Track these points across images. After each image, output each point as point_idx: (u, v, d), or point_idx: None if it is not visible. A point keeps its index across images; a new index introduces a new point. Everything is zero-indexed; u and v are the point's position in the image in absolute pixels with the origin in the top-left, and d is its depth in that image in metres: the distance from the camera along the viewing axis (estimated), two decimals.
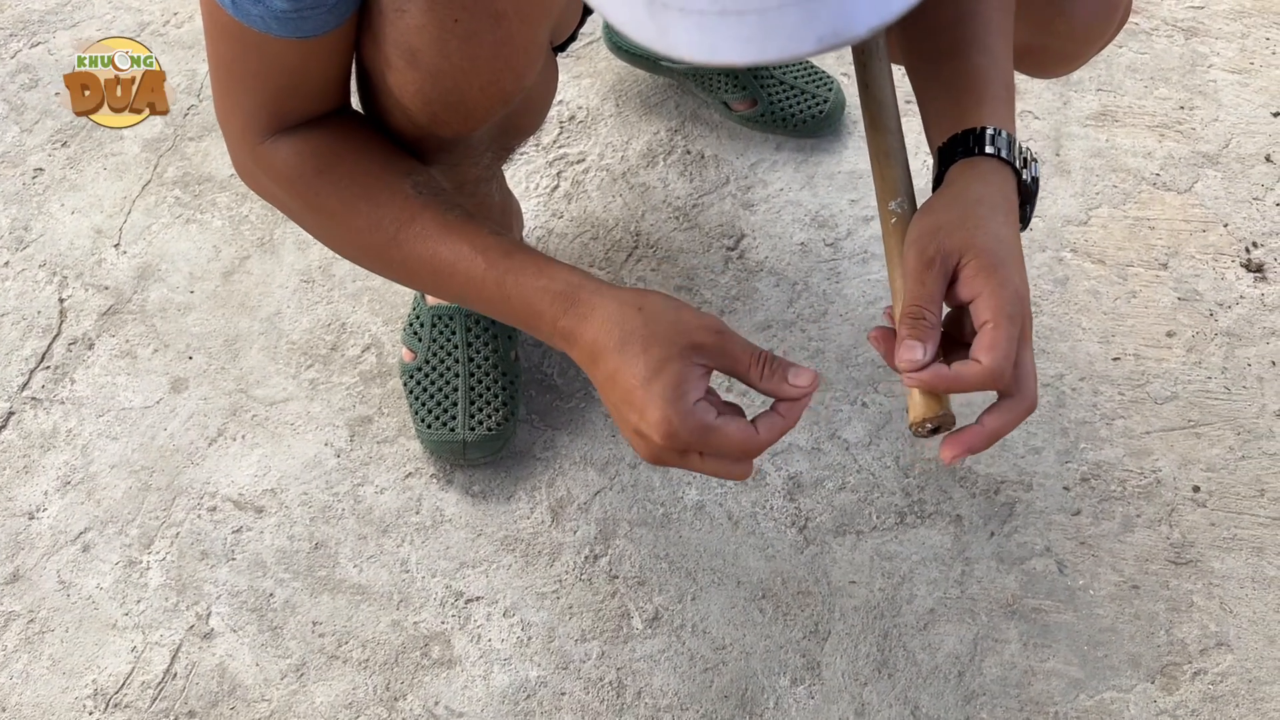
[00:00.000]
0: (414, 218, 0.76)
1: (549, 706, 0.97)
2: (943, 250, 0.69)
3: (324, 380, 1.15)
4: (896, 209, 0.75)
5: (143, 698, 0.97)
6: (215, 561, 1.04)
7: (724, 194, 1.29)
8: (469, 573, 1.04)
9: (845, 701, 0.97)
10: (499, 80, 0.76)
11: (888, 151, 0.77)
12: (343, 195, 0.77)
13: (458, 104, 0.76)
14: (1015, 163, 0.74)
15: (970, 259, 0.68)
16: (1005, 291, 0.68)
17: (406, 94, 0.75)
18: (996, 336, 0.67)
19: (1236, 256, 1.23)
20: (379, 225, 0.77)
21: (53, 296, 1.21)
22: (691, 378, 0.67)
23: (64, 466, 1.10)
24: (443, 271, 0.76)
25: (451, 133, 0.79)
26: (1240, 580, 1.03)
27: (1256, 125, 1.34)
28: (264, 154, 0.78)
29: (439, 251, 0.75)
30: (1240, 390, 1.14)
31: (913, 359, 0.67)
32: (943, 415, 0.69)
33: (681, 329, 0.68)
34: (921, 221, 0.72)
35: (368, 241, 0.78)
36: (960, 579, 1.03)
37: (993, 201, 0.72)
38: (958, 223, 0.70)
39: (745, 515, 1.07)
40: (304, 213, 0.81)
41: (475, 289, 0.75)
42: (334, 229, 0.81)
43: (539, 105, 0.91)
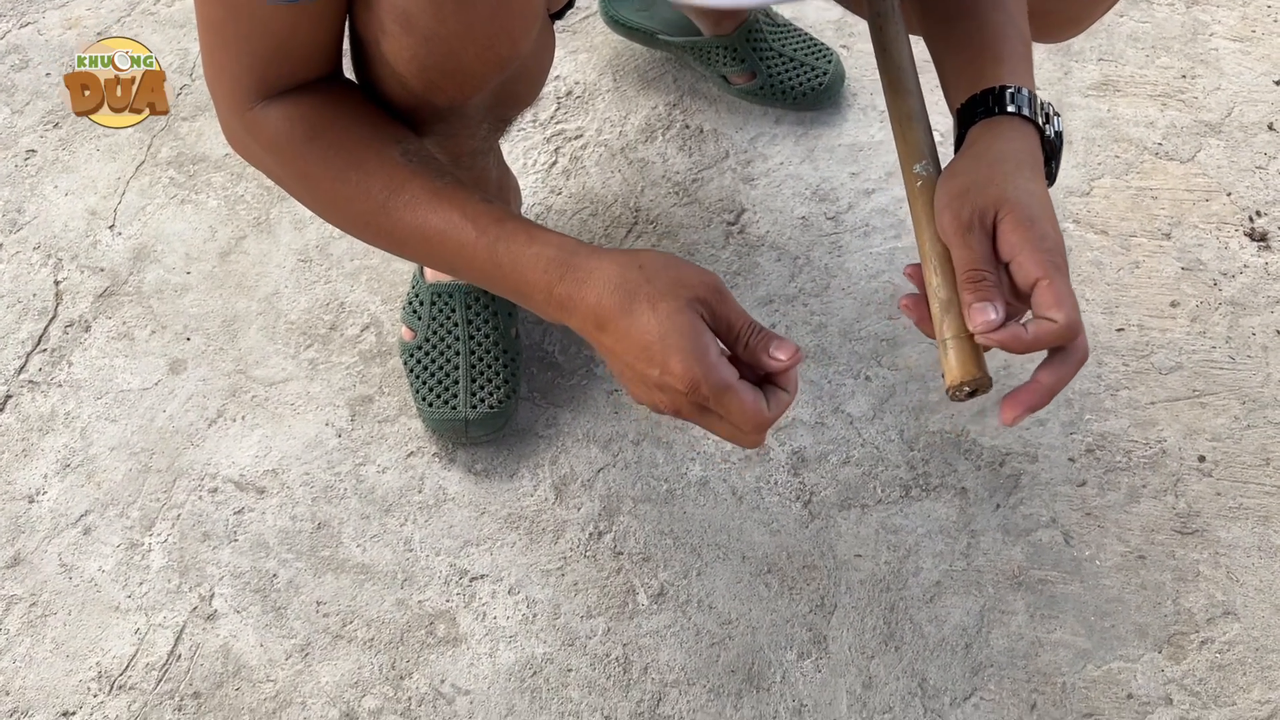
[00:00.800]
0: (403, 185, 0.75)
1: (555, 683, 0.97)
2: (977, 210, 0.68)
3: (324, 360, 1.14)
4: (921, 171, 0.74)
5: (147, 679, 0.97)
6: (217, 543, 1.04)
7: (724, 168, 1.28)
8: (473, 551, 1.03)
9: (852, 674, 0.97)
10: (495, 45, 0.75)
11: (909, 114, 0.76)
12: (331, 162, 0.76)
13: (454, 70, 0.75)
14: (1037, 119, 0.73)
15: (1005, 214, 0.68)
16: (1047, 243, 0.67)
17: (401, 60, 0.74)
18: (1059, 291, 0.66)
19: (1240, 225, 1.23)
20: (367, 193, 0.75)
21: (48, 279, 1.20)
22: (705, 329, 0.68)
23: (63, 449, 1.09)
24: (433, 239, 0.74)
25: (447, 100, 0.78)
26: (1246, 549, 1.02)
27: (1259, 93, 1.34)
28: (253, 120, 0.76)
29: (429, 219, 0.74)
30: (1245, 359, 1.13)
31: (987, 320, 0.66)
32: (980, 378, 0.68)
33: (684, 283, 0.68)
34: (948, 186, 0.71)
35: (357, 210, 0.77)
36: (966, 551, 1.03)
37: (1018, 158, 0.71)
38: (985, 181, 0.69)
39: (749, 490, 1.06)
40: (293, 180, 0.80)
41: (466, 257, 0.74)
42: (323, 197, 0.79)
43: (536, 74, 0.90)
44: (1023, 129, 0.73)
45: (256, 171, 1.27)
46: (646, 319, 0.67)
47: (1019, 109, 0.73)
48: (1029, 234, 0.67)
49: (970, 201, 0.69)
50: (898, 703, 0.96)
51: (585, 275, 0.70)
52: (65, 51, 1.39)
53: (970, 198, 0.69)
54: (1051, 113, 0.75)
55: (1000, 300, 0.67)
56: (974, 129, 0.74)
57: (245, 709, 0.95)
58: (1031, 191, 0.69)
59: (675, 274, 0.69)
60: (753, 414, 0.68)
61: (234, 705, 0.96)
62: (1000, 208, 0.68)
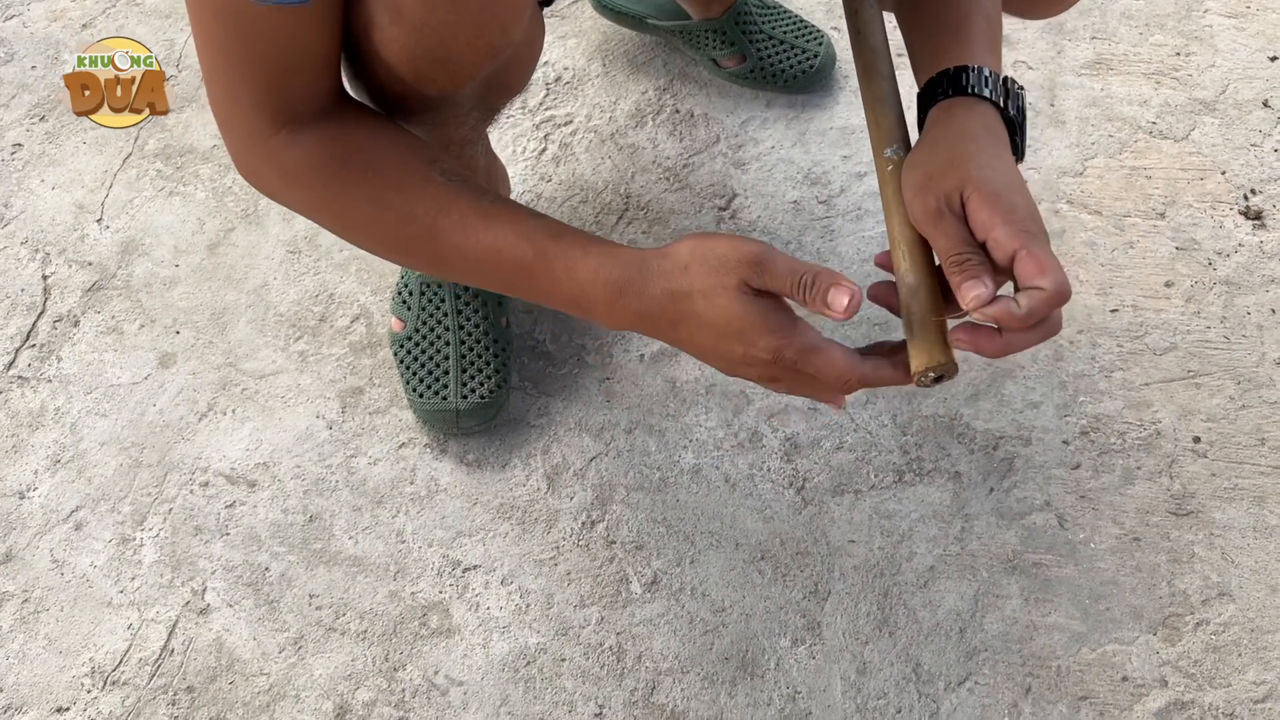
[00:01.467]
0: (449, 207, 0.74)
1: (549, 673, 0.97)
2: (943, 195, 0.68)
3: (313, 352, 1.14)
4: (892, 155, 0.73)
5: (141, 674, 0.97)
6: (209, 537, 1.03)
7: (714, 153, 1.27)
8: (465, 542, 1.03)
9: (847, 660, 0.97)
10: (485, 34, 0.74)
11: (881, 98, 0.75)
12: (370, 189, 0.75)
13: (444, 60, 0.74)
14: (995, 98, 0.72)
15: (970, 194, 0.67)
16: (1017, 214, 0.66)
17: (391, 51, 0.73)
18: (1040, 258, 0.65)
19: (1235, 204, 1.22)
20: (412, 217, 0.74)
21: (36, 274, 1.20)
22: (770, 304, 0.69)
23: (53, 445, 1.08)
24: (485, 259, 0.74)
25: (437, 90, 0.77)
26: (1242, 530, 1.02)
27: (1253, 70, 1.32)
28: (276, 150, 0.74)
29: (481, 239, 0.73)
30: (1240, 339, 1.13)
31: (979, 294, 0.65)
32: (946, 364, 0.68)
33: (722, 268, 0.68)
34: (911, 176, 0.71)
35: (402, 235, 0.76)
36: (960, 535, 1.02)
37: (975, 135, 0.71)
38: (945, 165, 0.69)
39: (742, 477, 1.06)
40: (323, 209, 0.78)
41: (521, 275, 0.74)
42: (361, 224, 0.78)
43: (525, 62, 0.89)
44: (980, 107, 0.72)
45: None
46: (713, 314, 0.69)
47: (974, 89, 0.72)
48: (996, 208, 0.66)
49: (934, 188, 0.68)
50: (892, 688, 0.95)
51: (642, 287, 0.71)
52: (51, 44, 1.38)
53: (934, 185, 0.68)
54: (1014, 88, 0.74)
55: (989, 277, 0.66)
56: (932, 112, 0.73)
57: (239, 702, 0.95)
58: (993, 166, 0.69)
59: (713, 260, 0.69)
60: (841, 368, 0.69)
61: (228, 699, 0.96)
62: (964, 188, 0.68)
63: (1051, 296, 0.65)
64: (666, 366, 1.12)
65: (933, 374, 0.68)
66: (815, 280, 0.68)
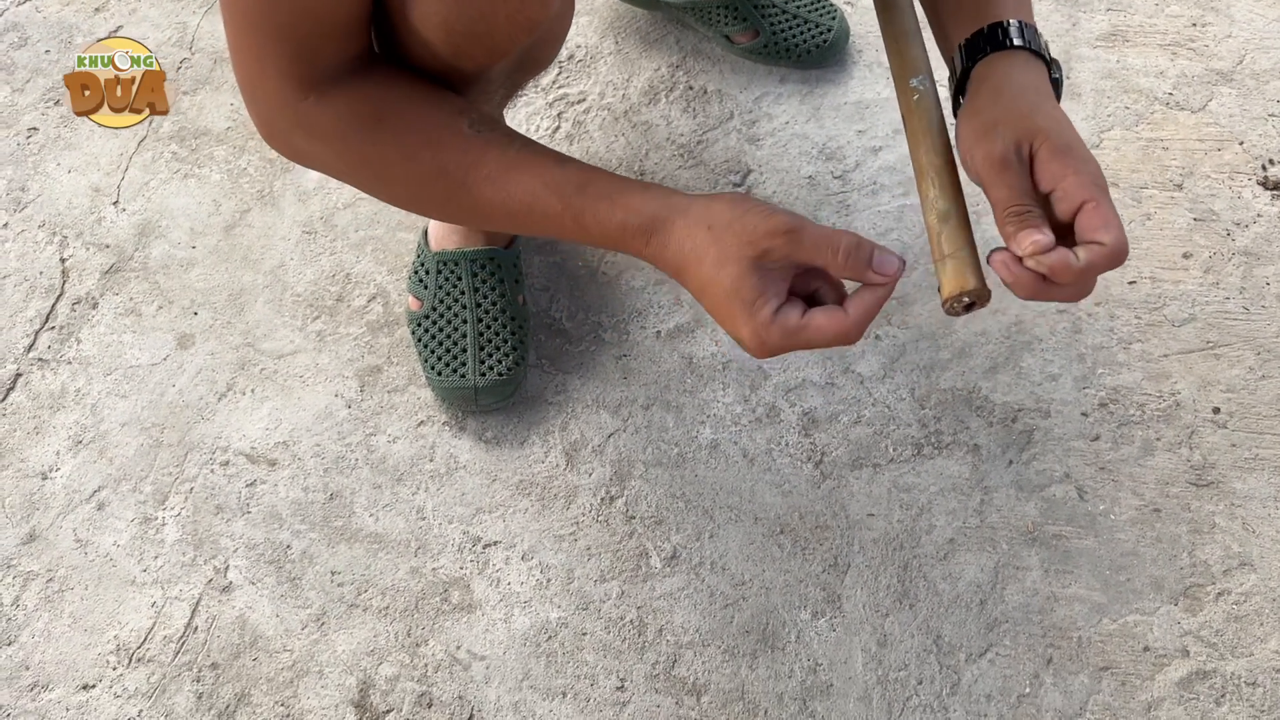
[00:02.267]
0: (479, 160, 0.74)
1: (571, 647, 0.97)
2: (1011, 143, 0.67)
3: (331, 331, 1.14)
4: (919, 86, 0.73)
5: (165, 651, 0.97)
6: (230, 515, 1.04)
7: (728, 129, 1.27)
8: (485, 518, 1.03)
9: (867, 633, 0.97)
10: (526, 7, 0.74)
11: (905, 31, 0.75)
12: (402, 144, 0.75)
13: (484, 34, 0.74)
14: (1045, 55, 0.72)
15: (1041, 144, 0.67)
16: (1090, 167, 0.66)
17: (430, 26, 0.73)
18: (1106, 214, 0.65)
19: (1253, 174, 1.21)
20: (444, 172, 0.75)
21: (54, 257, 1.20)
22: (767, 288, 0.68)
23: (74, 426, 1.09)
24: (518, 213, 0.75)
25: (475, 65, 0.77)
26: (1263, 500, 1.02)
27: (1271, 40, 1.31)
28: (307, 114, 0.74)
29: (512, 192, 0.74)
30: (1259, 310, 1.12)
31: (1039, 240, 0.65)
32: (979, 289, 0.68)
33: (748, 238, 0.68)
34: (972, 123, 0.70)
35: (433, 190, 0.76)
36: (979, 508, 1.02)
37: (1038, 86, 0.70)
38: (1013, 114, 0.68)
39: (760, 452, 1.06)
40: (357, 169, 0.79)
41: (554, 226, 0.74)
42: (395, 180, 0.78)
43: (556, 36, 0.89)
44: (1034, 62, 0.72)
45: (258, 143, 1.27)
46: (714, 283, 0.69)
47: (1027, 43, 0.72)
48: (1069, 160, 0.66)
49: (1001, 136, 0.67)
50: (913, 660, 0.96)
51: (665, 240, 0.71)
52: (64, 28, 1.38)
53: (1001, 132, 0.67)
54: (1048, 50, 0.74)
55: (1047, 227, 0.66)
56: (983, 63, 0.72)
57: (263, 679, 0.96)
58: (1060, 120, 0.68)
59: (740, 228, 0.68)
60: (833, 332, 0.69)
61: (251, 675, 0.96)
62: (1035, 138, 0.67)
63: (1110, 253, 0.65)
64: (683, 343, 1.12)
65: (966, 299, 0.68)
66: (858, 247, 0.68)
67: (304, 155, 0.79)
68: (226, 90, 1.32)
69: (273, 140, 0.79)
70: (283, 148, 0.79)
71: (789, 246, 0.68)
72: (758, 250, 0.68)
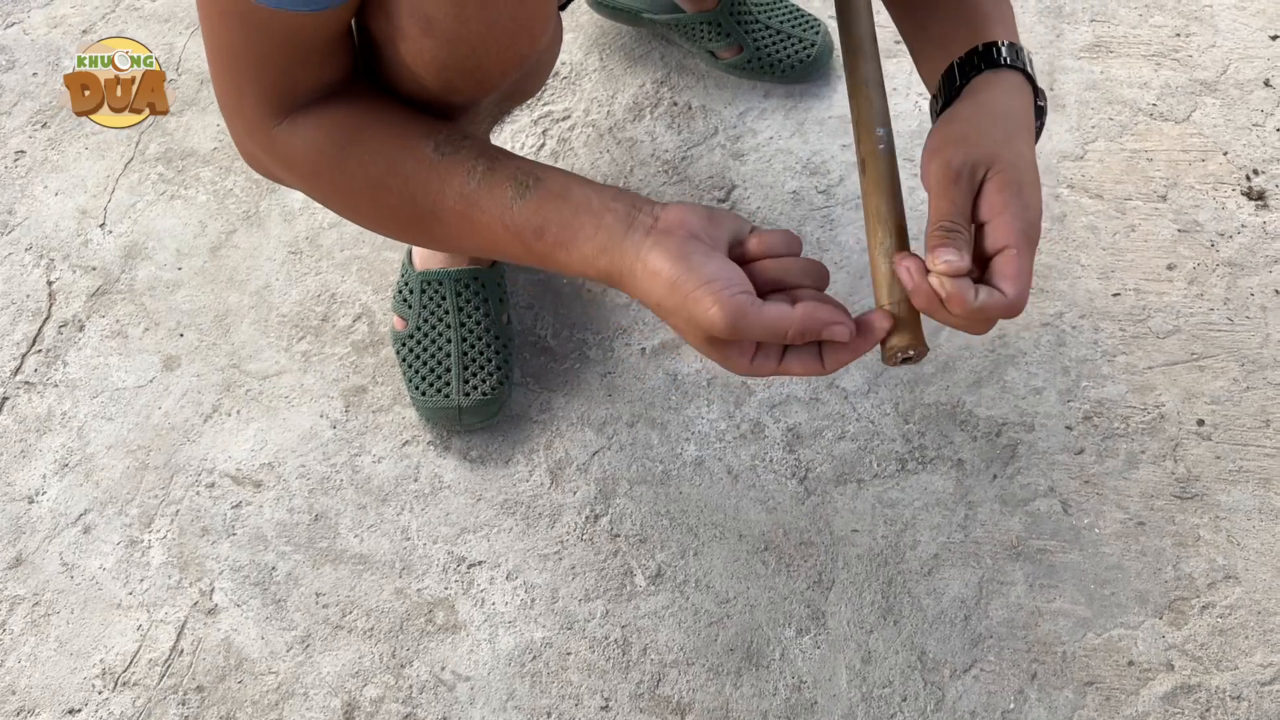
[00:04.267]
0: (443, 190, 0.73)
1: (555, 667, 0.97)
2: (970, 161, 0.67)
3: (316, 352, 1.14)
4: (883, 135, 0.73)
5: (151, 675, 0.98)
6: (216, 537, 1.04)
7: (713, 145, 1.27)
8: (470, 538, 1.03)
9: (851, 649, 0.97)
10: (516, 43, 0.74)
11: (873, 79, 0.75)
12: (368, 172, 0.74)
13: (473, 70, 0.74)
14: (1035, 78, 0.72)
15: (995, 174, 0.66)
16: (1029, 214, 0.66)
17: (421, 63, 0.73)
18: (1022, 265, 0.65)
19: (1237, 185, 1.21)
20: (412, 201, 0.74)
21: (41, 279, 1.20)
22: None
23: (61, 449, 1.09)
24: (486, 248, 0.74)
25: (464, 99, 0.77)
26: (1247, 512, 1.02)
27: (1254, 49, 1.31)
28: (280, 140, 0.75)
29: (477, 232, 0.73)
30: (1243, 320, 1.12)
31: (951, 261, 0.64)
32: (919, 345, 0.68)
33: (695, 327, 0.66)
34: (945, 130, 0.69)
35: (404, 217, 0.76)
36: (964, 523, 1.02)
37: (1019, 118, 0.70)
38: (984, 133, 0.68)
39: (745, 469, 1.06)
40: (329, 195, 0.79)
41: (520, 262, 0.74)
42: (364, 208, 0.78)
43: (545, 67, 0.89)
44: (1024, 87, 0.72)
45: (244, 165, 1.28)
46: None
47: (1022, 65, 0.72)
48: (1014, 200, 0.66)
49: (964, 151, 0.67)
50: (897, 676, 0.95)
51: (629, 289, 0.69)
52: (51, 51, 1.39)
53: (965, 146, 0.67)
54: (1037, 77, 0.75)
55: (967, 253, 0.65)
56: (977, 79, 0.72)
57: (248, 701, 0.96)
58: (1025, 157, 0.68)
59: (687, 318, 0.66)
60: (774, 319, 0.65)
61: (237, 698, 0.96)
62: (992, 165, 0.67)
63: (1006, 305, 0.65)
64: (668, 360, 1.12)
65: (903, 354, 0.68)
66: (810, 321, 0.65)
67: (279, 179, 0.80)
68: (213, 111, 1.32)
69: (251, 163, 0.79)
70: (261, 170, 0.80)
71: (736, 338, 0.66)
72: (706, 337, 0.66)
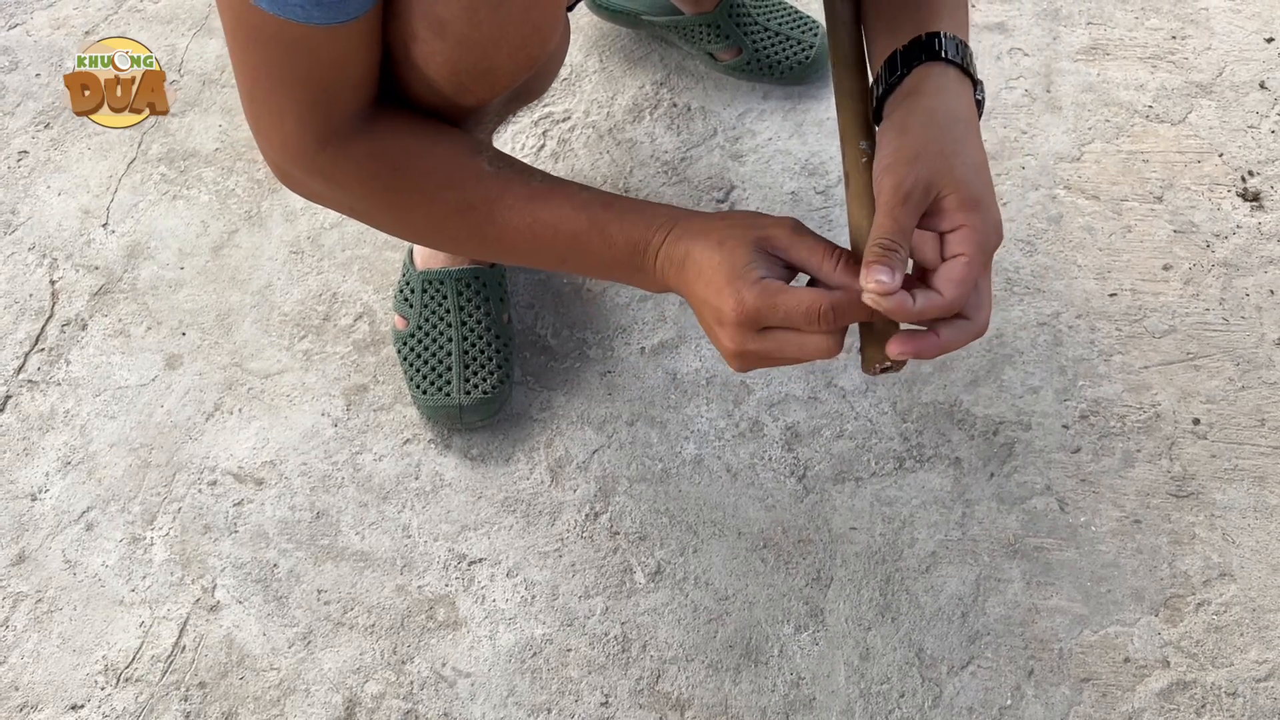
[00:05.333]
0: (503, 192, 0.76)
1: (555, 663, 0.98)
2: (921, 183, 0.67)
3: (318, 351, 1.15)
4: (866, 149, 0.74)
5: (153, 671, 0.98)
6: (218, 535, 1.05)
7: (712, 146, 1.28)
8: (471, 535, 1.04)
9: (850, 646, 0.97)
10: (527, 45, 0.75)
11: (860, 90, 0.76)
12: (424, 188, 0.77)
13: (485, 72, 0.75)
14: (973, 74, 0.73)
15: (950, 193, 0.67)
16: (985, 227, 0.67)
17: (433, 65, 0.74)
18: (967, 272, 0.66)
19: (1232, 186, 1.22)
20: (470, 207, 0.77)
21: (44, 279, 1.21)
22: (759, 261, 0.69)
23: (63, 447, 1.10)
24: (543, 235, 0.76)
25: (475, 101, 0.78)
26: (1242, 510, 1.02)
27: (1250, 52, 1.32)
28: (327, 163, 0.76)
29: (539, 216, 0.76)
30: (1239, 320, 1.13)
31: (883, 280, 0.65)
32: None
33: (752, 222, 0.70)
34: (895, 143, 0.69)
35: (458, 225, 0.78)
36: (961, 521, 1.03)
37: (967, 120, 0.71)
38: (936, 151, 0.68)
39: (744, 467, 1.07)
40: (378, 210, 0.80)
41: (579, 244, 0.76)
42: (418, 221, 0.80)
43: (553, 69, 0.90)
44: (963, 83, 0.73)
45: (246, 164, 1.29)
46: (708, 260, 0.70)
47: (961, 60, 0.73)
48: (972, 215, 0.67)
49: (916, 171, 0.67)
50: (895, 673, 0.96)
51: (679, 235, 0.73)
52: (54, 52, 1.39)
53: (916, 167, 0.67)
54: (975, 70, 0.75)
55: (900, 272, 0.66)
56: (917, 71, 0.73)
57: (250, 697, 0.97)
58: (977, 166, 0.69)
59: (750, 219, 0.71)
60: (808, 303, 0.67)
61: (239, 694, 0.97)
62: (945, 185, 0.67)
63: (944, 306, 0.66)
64: (667, 359, 1.13)
65: (881, 364, 0.70)
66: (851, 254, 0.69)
67: (321, 198, 0.81)
68: (215, 112, 1.33)
69: (287, 183, 0.80)
70: (299, 190, 0.80)
71: (789, 239, 0.69)
72: (759, 233, 0.69)
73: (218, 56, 1.38)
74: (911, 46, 0.74)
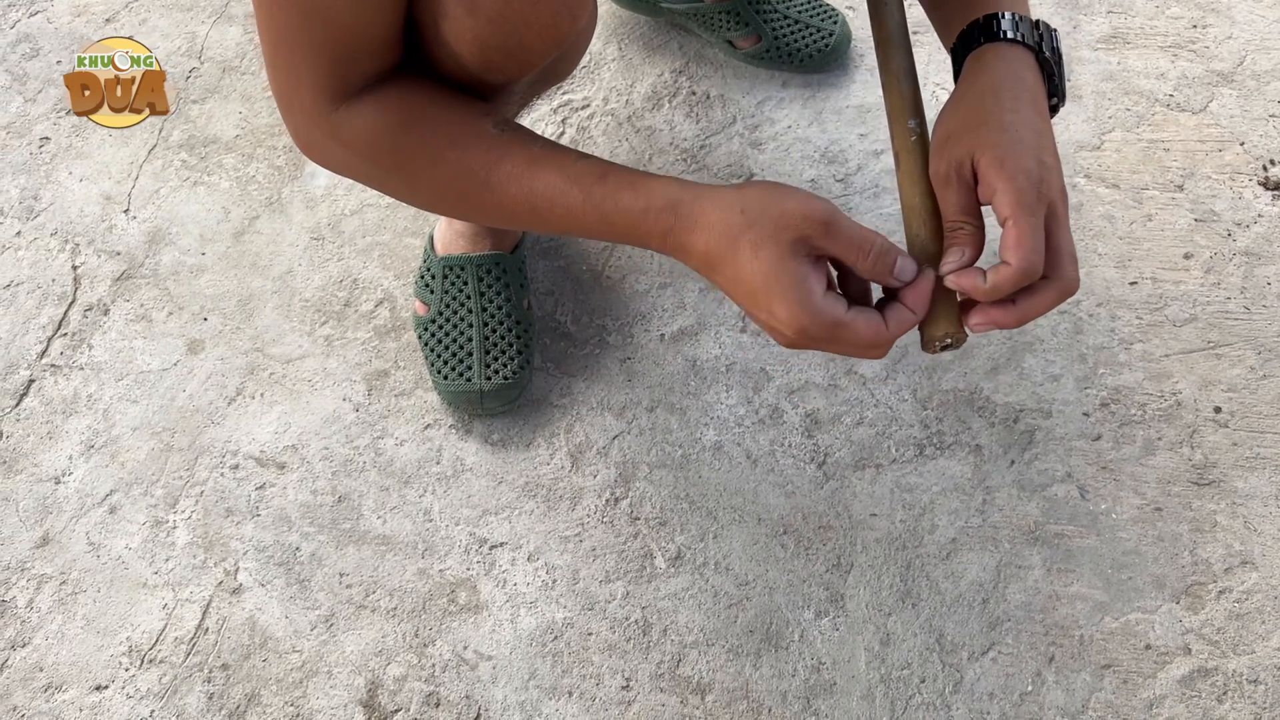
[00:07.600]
0: (502, 158, 0.75)
1: (576, 647, 0.98)
2: (954, 161, 0.69)
3: (339, 336, 1.15)
4: (915, 127, 0.74)
5: (176, 652, 0.99)
6: (240, 518, 1.05)
7: (731, 134, 1.28)
8: (492, 520, 1.04)
9: (870, 632, 0.98)
10: (557, 22, 0.75)
11: (905, 69, 0.76)
12: (428, 148, 0.76)
13: (515, 49, 0.75)
14: (1029, 39, 0.73)
15: (979, 158, 0.68)
16: (1017, 182, 0.67)
17: (463, 42, 0.74)
18: (1020, 232, 0.66)
19: (1254, 175, 1.22)
20: (469, 172, 0.76)
21: (66, 264, 1.22)
22: (809, 272, 0.68)
23: (87, 431, 1.11)
24: (540, 206, 0.75)
25: (503, 79, 0.78)
26: (1264, 498, 1.02)
27: (1271, 40, 1.32)
28: (338, 124, 0.76)
29: (535, 187, 0.75)
30: (1260, 309, 1.13)
31: (953, 260, 0.67)
32: (958, 333, 0.69)
33: (786, 224, 0.67)
34: (937, 132, 0.72)
35: (459, 189, 0.77)
36: (981, 508, 1.03)
37: (997, 88, 0.71)
38: (963, 126, 0.70)
39: (764, 453, 1.07)
40: (386, 174, 0.80)
41: (575, 218, 0.75)
42: (422, 183, 0.79)
43: (580, 48, 0.90)
44: (1011, 53, 0.73)
45: (266, 151, 1.29)
46: (750, 266, 0.68)
47: (1004, 33, 0.72)
48: (1000, 174, 0.67)
49: (948, 153, 0.69)
50: (916, 658, 0.96)
51: (691, 224, 0.70)
52: (75, 39, 1.40)
53: (948, 149, 0.69)
54: (1045, 29, 0.74)
55: (973, 246, 0.68)
56: (973, 56, 0.74)
57: (273, 679, 0.97)
58: (1008, 125, 0.69)
59: (778, 212, 0.68)
60: (869, 339, 0.68)
61: (261, 676, 0.97)
62: (974, 153, 0.68)
63: (1014, 275, 0.66)
64: (687, 345, 1.13)
65: (941, 342, 0.70)
66: (886, 252, 0.68)
67: (338, 164, 0.81)
68: (235, 99, 1.33)
69: (308, 150, 0.80)
70: (318, 157, 0.80)
71: (824, 239, 0.68)
72: (795, 235, 0.68)
73: (237, 44, 1.38)
74: (969, 30, 0.75)
